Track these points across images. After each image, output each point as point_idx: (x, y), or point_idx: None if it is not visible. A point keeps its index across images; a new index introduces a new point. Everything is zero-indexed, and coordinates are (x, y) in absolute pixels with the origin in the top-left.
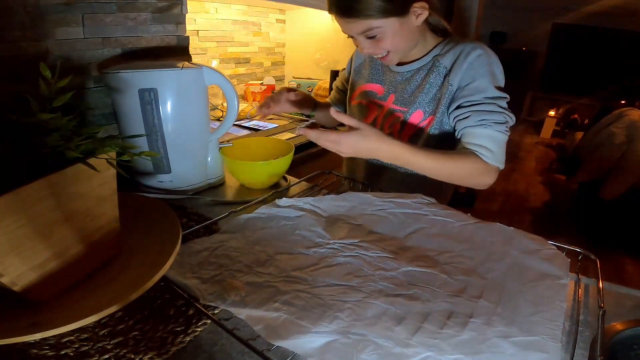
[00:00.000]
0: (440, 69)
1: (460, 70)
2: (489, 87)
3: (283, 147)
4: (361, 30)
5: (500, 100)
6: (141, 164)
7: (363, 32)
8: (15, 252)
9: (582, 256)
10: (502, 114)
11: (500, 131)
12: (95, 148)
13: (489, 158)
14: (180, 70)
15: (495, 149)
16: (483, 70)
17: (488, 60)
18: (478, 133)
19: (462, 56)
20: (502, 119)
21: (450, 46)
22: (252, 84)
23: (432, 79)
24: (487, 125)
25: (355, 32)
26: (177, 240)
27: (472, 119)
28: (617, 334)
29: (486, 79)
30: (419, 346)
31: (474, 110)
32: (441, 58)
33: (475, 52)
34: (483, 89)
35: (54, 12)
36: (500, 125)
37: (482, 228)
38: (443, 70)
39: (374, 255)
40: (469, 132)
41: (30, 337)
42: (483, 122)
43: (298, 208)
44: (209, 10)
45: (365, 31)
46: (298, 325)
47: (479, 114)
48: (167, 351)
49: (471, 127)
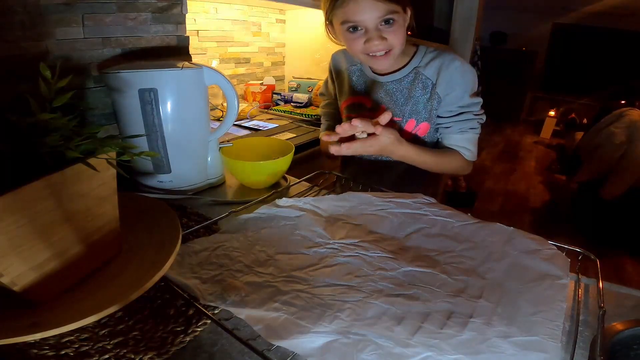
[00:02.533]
0: (424, 80)
1: (444, 82)
2: (464, 97)
3: (283, 147)
4: (384, 13)
5: (474, 107)
6: (141, 164)
7: (385, 14)
8: (15, 252)
9: (582, 256)
10: (475, 119)
11: (475, 133)
12: (95, 148)
13: (468, 156)
14: (180, 70)
15: (472, 149)
16: (460, 80)
17: (462, 70)
18: (458, 138)
19: (444, 69)
20: (476, 124)
21: (429, 57)
22: (252, 84)
23: (419, 90)
24: (465, 131)
25: (376, 15)
26: (177, 240)
27: (453, 128)
28: (617, 334)
29: (460, 89)
30: (419, 346)
31: (454, 120)
32: (422, 70)
33: (453, 64)
34: (459, 99)
35: (54, 12)
36: (475, 129)
37: (482, 228)
38: (429, 83)
39: (374, 255)
40: (451, 137)
41: (30, 337)
42: (461, 129)
43: (298, 208)
44: (209, 10)
45: (387, 14)
46: (298, 325)
47: (458, 124)
48: (167, 351)
49: (452, 134)
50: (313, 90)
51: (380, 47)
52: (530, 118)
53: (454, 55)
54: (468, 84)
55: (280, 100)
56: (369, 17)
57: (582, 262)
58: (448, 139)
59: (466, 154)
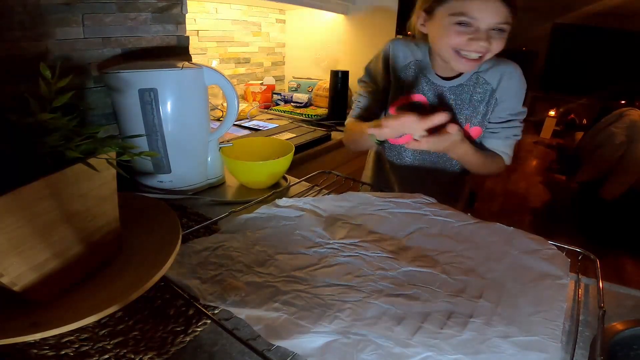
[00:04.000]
0: (485, 86)
1: (504, 89)
2: (517, 106)
3: (283, 147)
4: (502, 19)
5: (521, 115)
6: (141, 164)
7: (502, 21)
8: (15, 252)
9: (582, 256)
10: (520, 127)
11: (517, 138)
12: (95, 148)
13: (507, 161)
14: (180, 70)
15: (511, 153)
16: (516, 90)
17: (522, 81)
18: (501, 143)
19: (506, 76)
20: (519, 131)
21: (489, 63)
22: (252, 84)
23: (479, 96)
24: (509, 138)
25: (495, 20)
26: (177, 240)
27: (501, 134)
28: (617, 334)
29: (517, 98)
30: (419, 346)
31: (503, 127)
32: (483, 74)
33: (516, 74)
34: (512, 108)
35: (54, 12)
36: (517, 136)
37: (482, 228)
38: (489, 88)
39: (374, 255)
40: (494, 141)
41: (30, 337)
42: (507, 136)
43: (298, 208)
44: (209, 10)
45: (504, 22)
46: (298, 325)
47: (506, 130)
48: (167, 351)
49: (497, 139)
50: (313, 90)
51: (482, 50)
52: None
53: (515, 65)
54: (523, 94)
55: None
56: (489, 19)
57: (582, 262)
58: (490, 142)
59: (506, 158)
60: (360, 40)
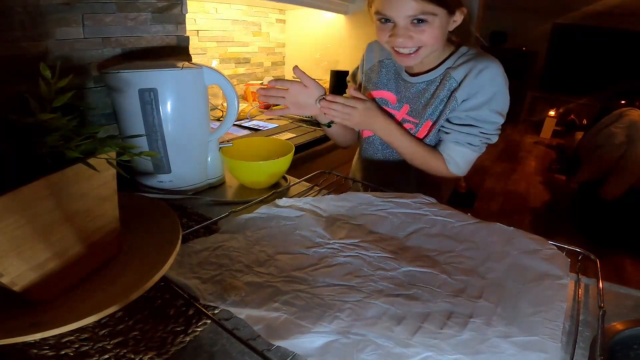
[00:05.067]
0: (450, 82)
1: (467, 86)
2: (482, 109)
3: (283, 147)
4: (416, 11)
5: (487, 125)
6: (141, 164)
7: (417, 13)
8: (15, 252)
9: (582, 256)
10: (479, 137)
11: (472, 150)
12: (95, 148)
13: (452, 168)
14: (180, 70)
15: (462, 164)
16: (483, 90)
17: (492, 81)
18: (452, 147)
19: (473, 73)
20: (478, 141)
21: (463, 59)
22: (252, 84)
23: (442, 93)
24: (461, 144)
25: (407, 13)
26: (177, 240)
27: (452, 135)
28: (617, 334)
29: (481, 100)
30: (419, 346)
31: (457, 130)
32: (452, 71)
33: (486, 72)
34: (474, 108)
35: (54, 12)
36: (473, 146)
37: (482, 228)
38: (453, 84)
39: (374, 255)
40: (445, 143)
41: (30, 337)
42: (457, 141)
43: (298, 208)
44: (209, 10)
45: (420, 14)
46: (298, 325)
47: (459, 134)
48: (167, 351)
49: (447, 141)
50: None
51: (405, 44)
52: (530, 118)
53: (490, 62)
54: (494, 98)
55: None
56: (400, 14)
57: (582, 262)
58: (441, 143)
59: (451, 165)
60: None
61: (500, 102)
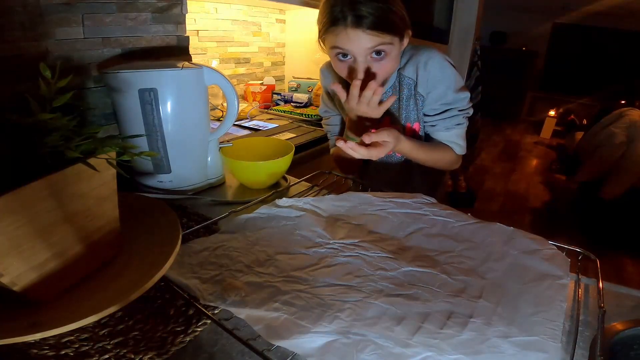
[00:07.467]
0: (407, 81)
1: (423, 80)
2: (447, 93)
3: (283, 147)
4: (375, 45)
5: (459, 102)
6: (141, 164)
7: (375, 45)
8: (15, 252)
9: (582, 256)
10: (460, 115)
11: (461, 128)
12: (95, 148)
13: (458, 150)
14: (180, 70)
15: (462, 142)
16: (438, 77)
17: (440, 66)
18: (446, 135)
19: (421, 67)
20: (461, 119)
21: (406, 58)
22: (252, 84)
23: (405, 92)
24: (450, 128)
25: (366, 45)
26: (177, 240)
27: (439, 126)
28: (617, 334)
29: (443, 85)
30: (419, 346)
31: (440, 119)
32: (403, 71)
33: (431, 62)
34: (442, 96)
35: (54, 12)
36: (460, 125)
37: (482, 228)
38: (411, 82)
39: (374, 255)
40: (438, 134)
41: (30, 337)
42: (447, 127)
43: (298, 208)
44: (209, 10)
45: (379, 46)
46: (298, 325)
47: (444, 121)
48: (167, 351)
49: (439, 131)
50: (313, 90)
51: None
52: (530, 118)
53: (430, 52)
54: (450, 79)
55: (280, 100)
56: (359, 49)
57: (582, 262)
58: (436, 135)
59: (456, 149)
60: None
61: (457, 80)
